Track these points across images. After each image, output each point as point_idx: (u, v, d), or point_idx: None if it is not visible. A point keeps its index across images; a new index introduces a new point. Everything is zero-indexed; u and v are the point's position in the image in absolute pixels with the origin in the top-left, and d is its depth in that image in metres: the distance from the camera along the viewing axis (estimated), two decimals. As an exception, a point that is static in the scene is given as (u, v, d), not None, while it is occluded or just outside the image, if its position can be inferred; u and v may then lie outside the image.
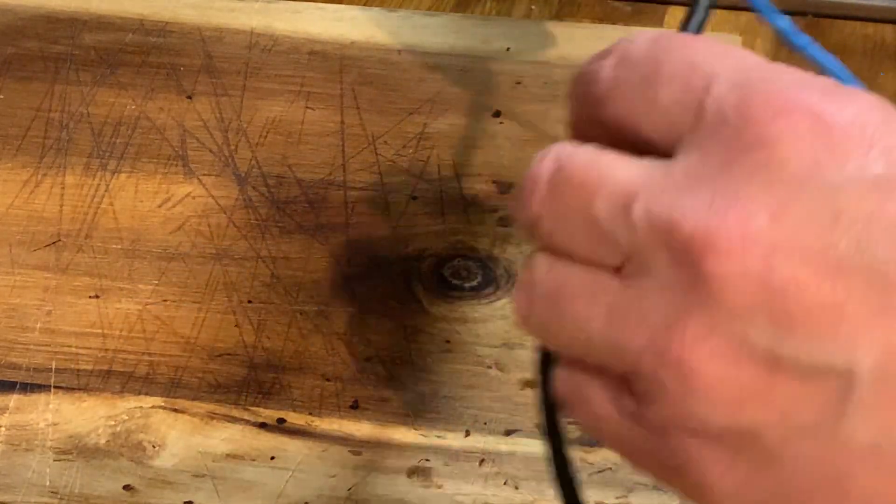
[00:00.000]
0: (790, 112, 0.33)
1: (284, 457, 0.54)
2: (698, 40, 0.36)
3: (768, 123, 0.33)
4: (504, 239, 0.60)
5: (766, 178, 0.32)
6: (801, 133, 0.33)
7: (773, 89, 0.34)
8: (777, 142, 0.33)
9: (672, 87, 0.35)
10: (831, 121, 0.33)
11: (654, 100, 0.35)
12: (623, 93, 0.36)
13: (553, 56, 0.65)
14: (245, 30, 0.67)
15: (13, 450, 0.55)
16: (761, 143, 0.33)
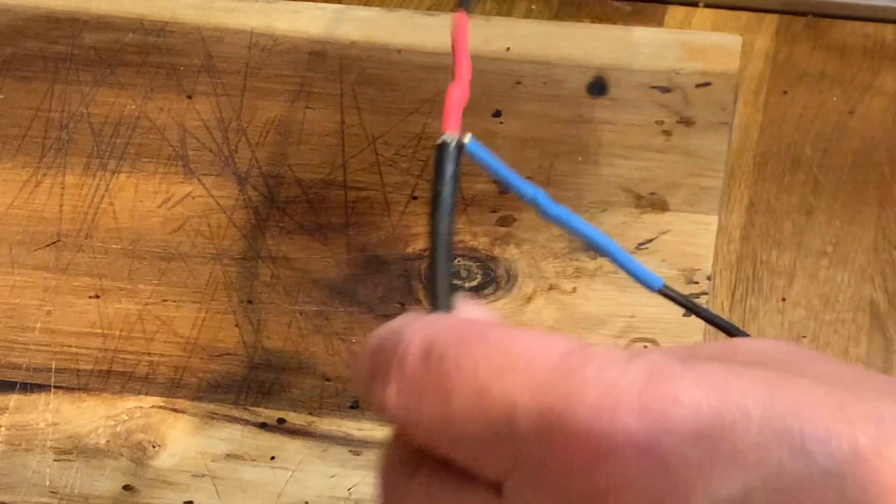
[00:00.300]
0: (612, 451, 0.29)
1: (284, 457, 0.54)
2: (474, 345, 0.31)
3: (593, 471, 0.29)
4: (504, 239, 0.60)
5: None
6: (631, 475, 0.29)
7: (579, 420, 0.29)
8: (609, 492, 0.29)
9: (471, 427, 0.30)
10: (660, 450, 0.29)
11: (456, 439, 0.31)
12: (420, 430, 0.32)
13: (553, 56, 0.65)
14: (245, 30, 0.67)
15: (13, 450, 0.55)
16: (594, 497, 0.29)
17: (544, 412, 0.30)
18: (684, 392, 0.29)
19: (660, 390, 0.29)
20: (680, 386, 0.29)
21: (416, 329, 0.32)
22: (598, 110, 0.63)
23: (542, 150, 0.62)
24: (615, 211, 0.60)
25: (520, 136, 0.63)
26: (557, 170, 0.62)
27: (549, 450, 0.30)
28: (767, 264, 0.60)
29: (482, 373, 0.30)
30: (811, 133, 0.64)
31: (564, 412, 0.29)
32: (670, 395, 0.29)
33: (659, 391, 0.29)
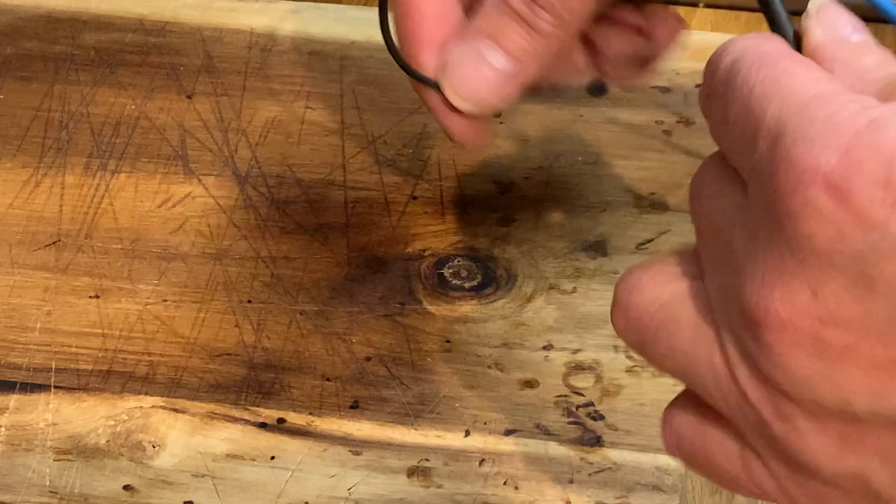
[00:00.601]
0: (808, 185, 0.33)
1: (284, 457, 0.54)
2: (762, 68, 0.37)
3: (790, 196, 0.34)
4: (504, 239, 0.60)
5: (800, 254, 0.34)
6: (820, 206, 0.33)
7: (797, 154, 0.34)
8: (800, 217, 0.34)
9: (736, 134, 0.37)
10: (847, 187, 0.33)
11: (727, 141, 0.37)
12: (711, 123, 0.38)
13: (553, 56, 0.65)
14: (245, 30, 0.67)
15: (13, 450, 0.55)
16: (788, 217, 0.34)
17: (775, 136, 0.35)
18: (889, 142, 0.33)
19: (868, 137, 0.33)
20: (888, 136, 0.33)
21: (737, 46, 0.38)
22: (598, 110, 0.63)
23: (542, 150, 0.62)
24: (615, 211, 0.60)
25: (520, 136, 0.63)
26: (557, 170, 0.62)
27: (769, 169, 0.34)
28: (767, 264, 0.60)
29: (756, 92, 0.36)
30: (811, 133, 0.64)
31: (786, 138, 0.34)
32: (875, 143, 0.33)
33: (867, 137, 0.33)
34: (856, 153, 0.33)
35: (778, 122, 0.35)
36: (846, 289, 0.33)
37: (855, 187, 0.33)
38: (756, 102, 0.36)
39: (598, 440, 0.54)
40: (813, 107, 0.35)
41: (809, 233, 0.33)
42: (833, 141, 0.33)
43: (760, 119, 0.35)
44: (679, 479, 0.52)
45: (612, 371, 0.55)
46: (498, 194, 0.61)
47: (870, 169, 0.33)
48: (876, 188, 0.33)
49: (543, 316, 0.57)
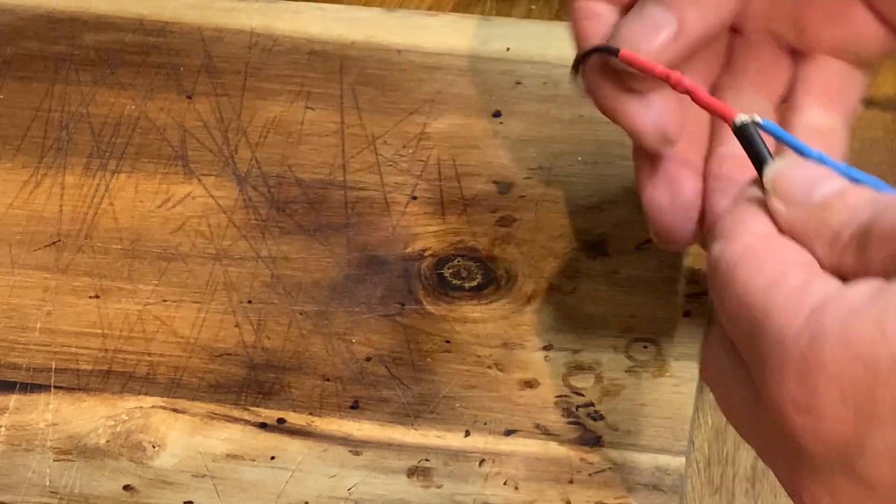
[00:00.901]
0: (789, 414, 0.38)
1: (284, 457, 0.54)
2: (736, 271, 0.40)
3: (783, 421, 0.39)
4: (504, 239, 0.60)
5: (810, 464, 0.39)
6: (805, 429, 0.38)
7: (770, 385, 0.38)
8: (796, 438, 0.39)
9: (730, 326, 0.41)
10: (816, 412, 0.38)
11: (728, 329, 0.41)
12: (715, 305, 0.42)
13: (553, 56, 0.65)
14: (245, 30, 0.67)
15: (13, 450, 0.55)
16: (789, 436, 0.39)
17: (755, 361, 0.39)
18: (830, 361, 0.37)
19: (812, 358, 0.37)
20: (827, 355, 0.37)
21: (721, 236, 0.41)
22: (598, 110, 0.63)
23: (542, 150, 0.62)
24: (615, 211, 0.60)
25: (520, 136, 0.63)
26: (557, 170, 0.62)
27: (763, 391, 0.39)
28: (767, 264, 0.60)
29: (731, 303, 0.40)
30: (811, 133, 0.64)
31: (761, 366, 0.39)
32: (820, 364, 0.37)
33: (811, 359, 0.37)
34: (808, 380, 0.37)
35: (751, 351, 0.39)
36: (855, 491, 0.37)
37: (821, 411, 0.37)
38: (734, 312, 0.40)
39: (598, 440, 0.53)
40: (765, 329, 0.38)
41: (811, 451, 0.38)
42: (788, 367, 0.37)
43: (741, 334, 0.39)
44: (679, 479, 0.53)
45: (612, 371, 0.55)
46: (498, 194, 0.61)
47: (824, 393, 0.37)
48: (837, 407, 0.37)
49: (543, 316, 0.57)
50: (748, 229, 0.41)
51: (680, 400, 0.54)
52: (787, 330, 0.38)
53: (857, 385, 0.36)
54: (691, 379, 0.55)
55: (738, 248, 0.40)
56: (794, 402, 0.37)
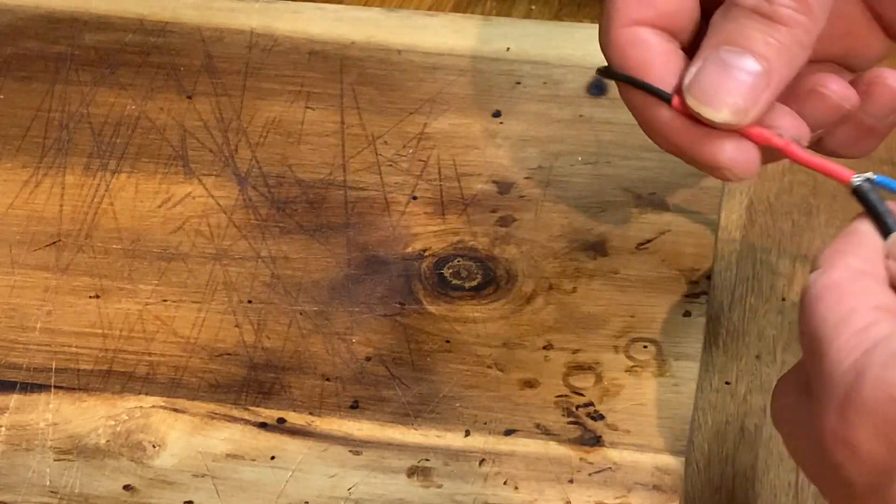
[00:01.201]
0: (832, 446, 0.41)
1: (284, 457, 0.54)
2: (816, 308, 0.42)
3: (829, 452, 0.41)
4: (504, 239, 0.60)
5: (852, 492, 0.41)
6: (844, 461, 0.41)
7: (819, 414, 0.42)
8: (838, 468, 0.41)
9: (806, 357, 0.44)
10: (853, 445, 0.40)
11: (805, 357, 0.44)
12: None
13: (553, 56, 0.65)
14: (245, 30, 0.67)
15: (13, 450, 0.55)
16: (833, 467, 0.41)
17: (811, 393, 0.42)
18: (870, 401, 0.40)
19: (854, 395, 0.40)
20: (866, 394, 0.40)
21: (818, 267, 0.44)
22: (598, 110, 0.63)
23: (542, 150, 0.62)
24: (615, 211, 0.60)
25: (520, 136, 0.63)
26: (557, 170, 0.62)
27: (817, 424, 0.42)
28: (767, 264, 0.60)
29: (806, 337, 0.42)
30: (811, 133, 0.64)
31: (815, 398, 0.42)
32: (860, 401, 0.40)
33: (854, 397, 0.40)
34: (846, 414, 0.40)
35: (813, 376, 0.42)
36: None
37: (857, 444, 0.39)
38: (807, 342, 0.42)
39: (598, 440, 0.54)
40: (824, 362, 0.41)
41: (850, 481, 0.40)
42: (833, 401, 0.40)
43: (810, 363, 0.42)
44: (679, 479, 0.53)
45: (612, 371, 0.55)
46: (498, 194, 0.61)
47: (860, 427, 0.39)
48: (871, 441, 0.39)
49: (543, 316, 0.57)
50: (843, 263, 0.43)
51: (680, 400, 0.54)
52: (838, 367, 0.40)
53: (889, 424, 0.39)
54: (691, 379, 0.55)
55: (825, 282, 0.43)
56: (834, 434, 0.40)
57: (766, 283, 0.60)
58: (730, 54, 0.46)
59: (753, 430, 0.56)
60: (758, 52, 0.46)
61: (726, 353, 0.58)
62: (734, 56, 0.46)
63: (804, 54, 0.47)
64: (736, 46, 0.46)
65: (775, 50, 0.46)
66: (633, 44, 0.49)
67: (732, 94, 0.46)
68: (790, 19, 0.46)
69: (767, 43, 0.46)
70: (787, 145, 0.47)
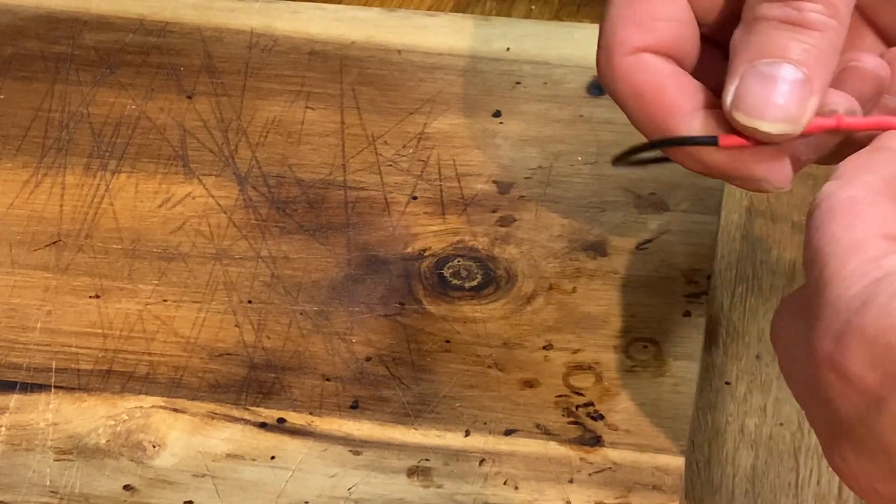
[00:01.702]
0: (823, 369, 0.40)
1: (284, 457, 0.54)
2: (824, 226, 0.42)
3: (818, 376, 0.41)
4: (504, 239, 0.60)
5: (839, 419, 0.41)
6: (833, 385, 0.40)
7: (815, 338, 0.41)
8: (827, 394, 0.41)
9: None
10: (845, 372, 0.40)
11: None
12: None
13: (553, 56, 0.65)
14: (245, 30, 0.67)
15: (13, 450, 0.55)
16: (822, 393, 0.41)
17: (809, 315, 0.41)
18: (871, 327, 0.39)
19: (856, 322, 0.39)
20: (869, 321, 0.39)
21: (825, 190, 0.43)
22: (598, 110, 0.63)
23: (542, 150, 0.62)
24: (615, 211, 0.60)
25: (520, 136, 0.63)
26: (557, 170, 0.62)
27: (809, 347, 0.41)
28: (767, 264, 0.60)
29: (810, 254, 0.42)
30: (811, 133, 0.64)
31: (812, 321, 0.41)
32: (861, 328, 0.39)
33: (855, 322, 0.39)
34: (845, 340, 0.39)
35: (814, 293, 0.41)
36: (875, 455, 0.39)
37: (850, 371, 0.39)
38: (812, 255, 0.41)
39: (598, 440, 0.54)
40: (831, 286, 0.40)
41: (837, 408, 0.40)
42: (832, 326, 0.39)
43: (810, 277, 0.41)
44: (679, 479, 0.53)
45: (612, 371, 0.55)
46: (498, 194, 0.61)
47: (857, 355, 0.39)
48: (865, 370, 0.39)
49: (543, 316, 0.57)
50: (863, 180, 0.42)
51: (680, 400, 0.54)
52: (844, 292, 0.40)
53: (888, 353, 0.38)
54: (691, 379, 0.55)
55: (841, 197, 0.42)
56: (829, 359, 0.39)
57: (766, 283, 0.60)
58: (768, 66, 0.46)
59: (753, 430, 0.56)
60: (796, 59, 0.46)
61: (726, 353, 0.58)
62: (773, 67, 0.46)
63: (837, 57, 0.47)
64: (772, 58, 0.46)
65: (813, 56, 0.46)
66: (640, 70, 0.48)
67: (782, 104, 0.46)
68: (822, 24, 0.46)
69: (804, 50, 0.46)
70: (839, 119, 0.47)
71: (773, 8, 0.46)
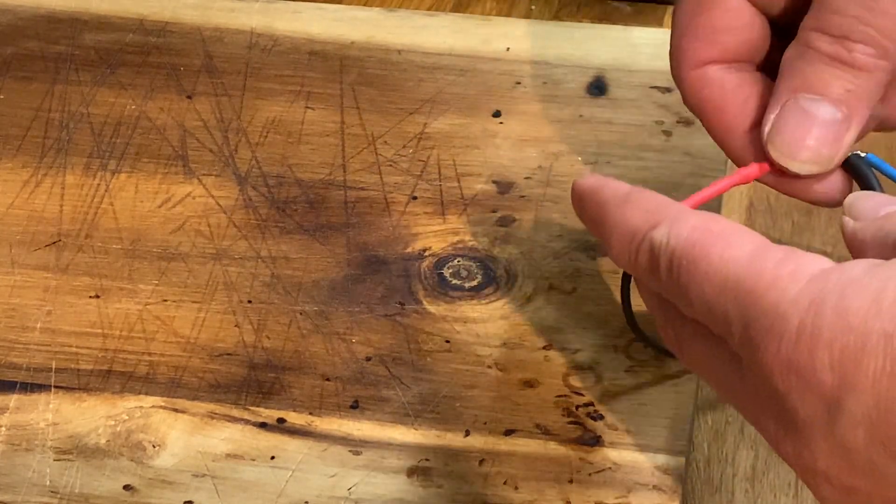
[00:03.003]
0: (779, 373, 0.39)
1: (284, 457, 0.54)
2: (696, 263, 0.41)
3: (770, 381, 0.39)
4: (504, 239, 0.60)
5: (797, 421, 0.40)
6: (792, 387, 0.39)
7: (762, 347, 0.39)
8: (784, 397, 0.39)
9: (704, 317, 0.41)
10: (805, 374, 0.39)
11: (700, 318, 0.42)
12: (673, 299, 0.43)
13: (553, 56, 0.65)
14: (245, 30, 0.67)
15: (13, 450, 0.55)
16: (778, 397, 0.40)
17: (742, 331, 0.40)
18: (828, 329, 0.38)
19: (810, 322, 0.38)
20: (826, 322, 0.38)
21: (658, 239, 0.43)
22: (598, 110, 0.63)
23: (542, 150, 0.62)
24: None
25: (520, 136, 0.63)
26: (557, 170, 0.62)
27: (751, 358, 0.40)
28: (767, 264, 0.60)
29: (706, 291, 0.41)
30: (811, 133, 0.64)
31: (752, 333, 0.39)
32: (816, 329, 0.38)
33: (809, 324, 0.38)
34: (803, 342, 0.38)
35: (739, 319, 0.40)
36: (832, 452, 0.39)
37: (809, 374, 0.38)
38: (705, 289, 0.41)
39: (598, 440, 0.54)
40: (758, 294, 0.39)
41: (796, 410, 0.39)
42: (784, 331, 0.39)
43: (724, 318, 0.40)
44: (679, 479, 0.53)
45: (612, 371, 0.55)
46: (498, 194, 0.61)
47: (817, 357, 0.38)
48: (825, 371, 0.38)
49: (543, 316, 0.57)
50: (691, 214, 0.43)
51: (680, 400, 0.54)
52: (783, 294, 0.39)
53: (846, 353, 0.38)
54: (691, 379, 0.55)
55: (688, 228, 0.42)
56: (788, 363, 0.39)
57: (766, 283, 0.59)
58: (808, 102, 0.47)
59: (753, 430, 0.56)
60: (837, 98, 0.46)
61: (726, 353, 0.58)
62: (814, 104, 0.46)
63: (882, 91, 0.47)
64: (815, 94, 0.46)
65: (856, 97, 0.46)
66: (704, 85, 0.49)
67: (813, 146, 0.47)
68: (872, 66, 0.46)
69: (848, 90, 0.46)
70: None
71: (824, 42, 0.46)
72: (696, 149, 0.62)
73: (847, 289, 0.38)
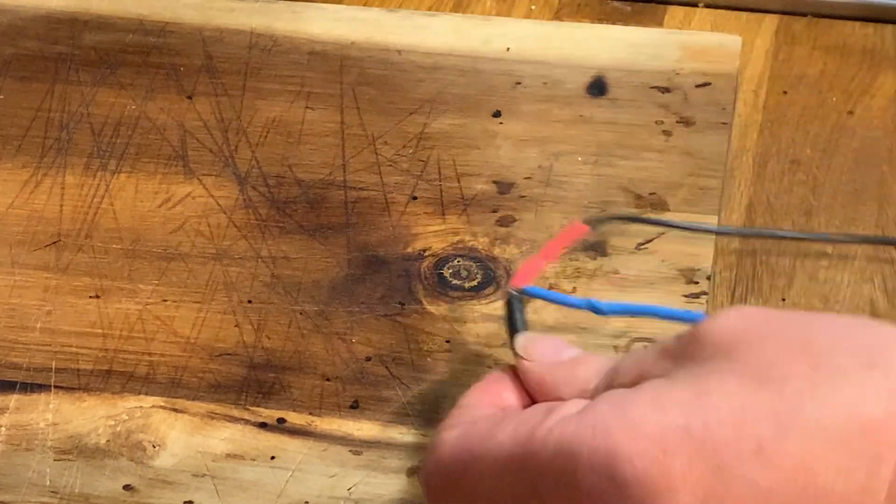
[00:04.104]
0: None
1: (284, 457, 0.54)
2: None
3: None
4: (504, 239, 0.60)
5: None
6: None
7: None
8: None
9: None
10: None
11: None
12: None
13: (553, 56, 0.65)
14: (245, 30, 0.68)
15: (13, 450, 0.55)
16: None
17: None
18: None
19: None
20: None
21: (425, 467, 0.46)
22: (598, 110, 0.63)
23: (542, 150, 0.62)
24: (615, 211, 0.60)
25: (520, 136, 0.63)
26: (557, 170, 0.62)
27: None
28: (767, 264, 0.60)
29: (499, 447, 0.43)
30: (811, 133, 0.64)
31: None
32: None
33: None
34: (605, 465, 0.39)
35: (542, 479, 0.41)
36: None
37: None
38: (493, 481, 0.43)
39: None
40: (554, 454, 0.40)
41: None
42: (595, 460, 0.39)
43: (521, 486, 0.42)
44: (679, 478, 0.52)
45: (612, 371, 0.55)
46: (498, 194, 0.61)
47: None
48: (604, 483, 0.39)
49: (543, 316, 0.57)
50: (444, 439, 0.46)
51: (680, 400, 0.54)
52: (579, 447, 0.40)
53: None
54: (691, 379, 0.55)
55: (439, 445, 0.45)
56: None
57: (766, 283, 0.60)
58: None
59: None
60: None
61: (726, 353, 0.58)
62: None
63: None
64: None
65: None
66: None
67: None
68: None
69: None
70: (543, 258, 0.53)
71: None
72: (695, 149, 0.62)
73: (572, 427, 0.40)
